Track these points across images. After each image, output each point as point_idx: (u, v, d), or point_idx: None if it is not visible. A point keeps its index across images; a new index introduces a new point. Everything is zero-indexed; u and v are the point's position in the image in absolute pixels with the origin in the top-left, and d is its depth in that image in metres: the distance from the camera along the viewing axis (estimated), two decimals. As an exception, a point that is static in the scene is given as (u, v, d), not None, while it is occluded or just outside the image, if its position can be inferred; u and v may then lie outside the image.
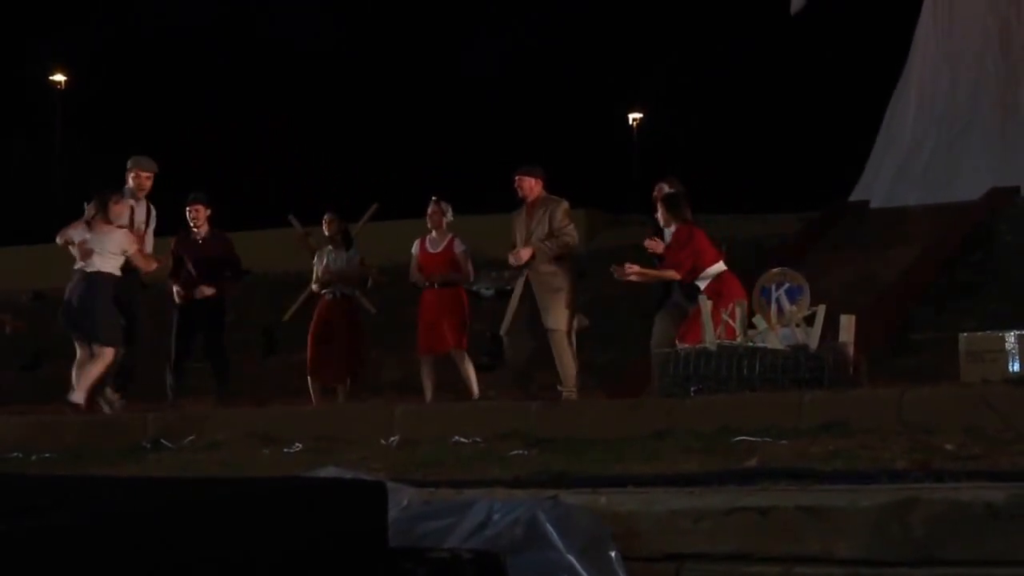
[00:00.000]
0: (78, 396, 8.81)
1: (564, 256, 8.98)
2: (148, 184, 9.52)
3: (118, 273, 9.03)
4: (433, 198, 9.62)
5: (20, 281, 21.56)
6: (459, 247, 9.51)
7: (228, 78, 37.24)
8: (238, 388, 9.29)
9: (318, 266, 10.16)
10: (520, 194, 9.11)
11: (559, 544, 3.89)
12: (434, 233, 9.54)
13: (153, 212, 9.61)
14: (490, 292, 14.95)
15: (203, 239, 9.92)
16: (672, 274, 8.47)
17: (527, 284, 8.90)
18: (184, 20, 38.84)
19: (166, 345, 9.82)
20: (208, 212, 9.97)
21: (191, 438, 7.10)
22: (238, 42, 38.51)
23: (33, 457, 6.90)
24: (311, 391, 9.78)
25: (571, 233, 8.98)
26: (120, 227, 9.08)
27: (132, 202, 9.38)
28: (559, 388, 8.78)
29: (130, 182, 9.46)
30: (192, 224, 9.95)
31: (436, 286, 9.40)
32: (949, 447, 5.21)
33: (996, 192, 14.26)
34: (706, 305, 7.87)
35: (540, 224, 8.94)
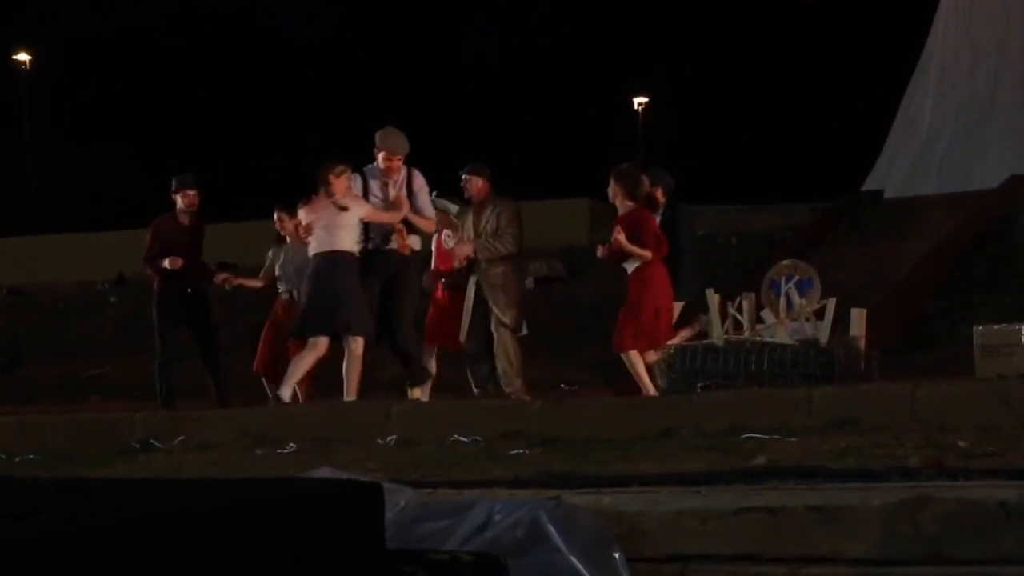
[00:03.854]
0: (284, 391, 8.14)
1: (509, 256, 8.97)
2: (397, 165, 8.72)
3: (355, 250, 8.30)
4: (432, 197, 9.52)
5: (-6, 276, 21.40)
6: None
7: (214, 62, 37.11)
8: (229, 388, 9.19)
9: (274, 263, 10.01)
10: (466, 194, 9.11)
11: (561, 546, 3.83)
12: (448, 230, 9.49)
13: (418, 182, 8.82)
14: (528, 283, 14.92)
15: (189, 224, 9.76)
16: (648, 254, 8.30)
17: (478, 287, 8.93)
18: None
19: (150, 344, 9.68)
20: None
21: (181, 439, 7.03)
22: (222, 22, 38.38)
23: (17, 459, 6.82)
24: (267, 389, 9.63)
25: (511, 239, 8.96)
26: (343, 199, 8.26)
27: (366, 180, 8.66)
28: (504, 387, 8.78)
29: (380, 163, 8.76)
30: (187, 209, 9.77)
31: (451, 281, 9.35)
32: (962, 444, 5.14)
33: (1016, 180, 14.12)
34: (712, 299, 7.78)
35: (488, 223, 8.97)
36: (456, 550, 3.79)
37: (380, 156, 8.74)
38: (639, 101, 38.66)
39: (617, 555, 3.87)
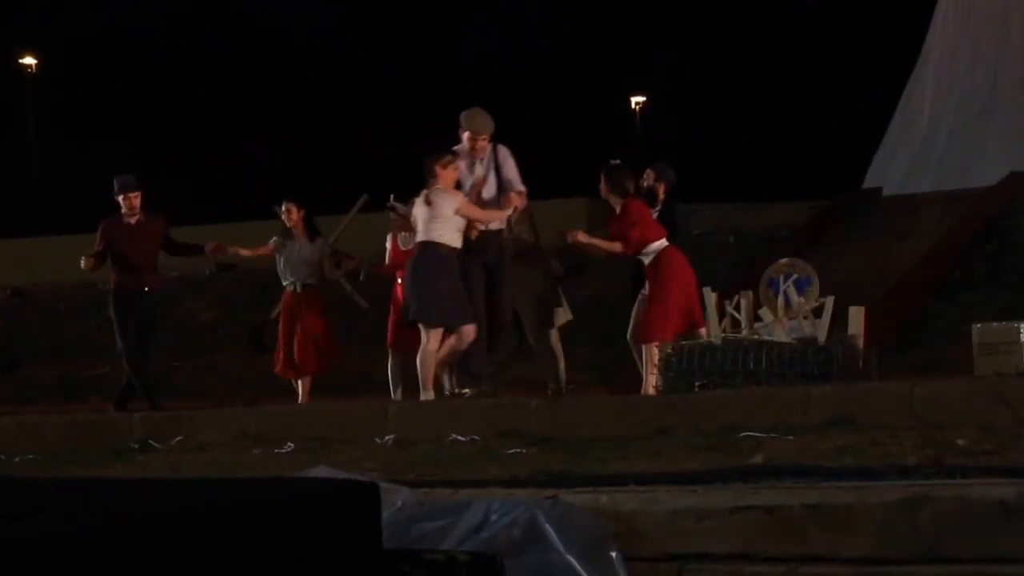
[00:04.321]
0: (426, 392, 8.01)
1: (535, 251, 8.94)
2: (483, 145, 8.58)
3: (456, 244, 8.17)
4: (389, 204, 9.51)
5: (-3, 277, 21.42)
6: None
7: (214, 63, 37.12)
8: (226, 387, 9.19)
9: (279, 253, 10.01)
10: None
11: (559, 545, 3.82)
12: (401, 231, 9.48)
13: (502, 153, 8.64)
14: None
15: (136, 223, 9.78)
16: (617, 247, 8.34)
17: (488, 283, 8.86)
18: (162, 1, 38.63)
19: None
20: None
21: (179, 438, 7.03)
22: (223, 25, 38.38)
23: (16, 459, 6.82)
24: (297, 389, 9.68)
25: (528, 231, 8.88)
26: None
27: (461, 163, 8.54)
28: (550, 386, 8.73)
29: (466, 143, 8.65)
30: (127, 212, 9.80)
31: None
32: (961, 442, 5.13)
33: (1015, 178, 14.10)
34: (710, 298, 7.77)
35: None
36: (452, 550, 3.78)
37: (465, 136, 8.60)
38: (636, 101, 38.75)
39: (614, 554, 3.86)
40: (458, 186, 8.44)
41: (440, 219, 8.13)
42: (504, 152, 8.67)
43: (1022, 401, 5.75)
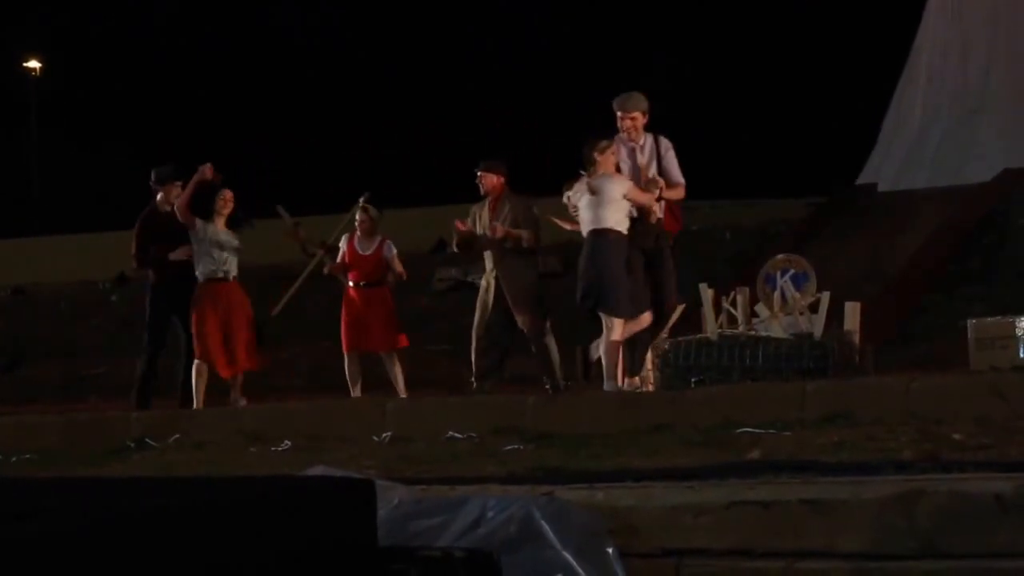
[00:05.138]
0: (610, 383, 7.64)
1: (530, 252, 8.94)
2: (631, 123, 8.34)
3: (625, 229, 7.93)
4: (360, 203, 9.49)
5: (-1, 276, 21.47)
6: (389, 250, 9.46)
7: (214, 64, 37.14)
8: (224, 385, 9.14)
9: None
10: (482, 190, 9.06)
11: (555, 542, 3.83)
12: (360, 234, 9.47)
13: (664, 144, 8.42)
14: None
15: (173, 213, 9.65)
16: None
17: (497, 281, 8.87)
18: (165, 3, 38.69)
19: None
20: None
21: (176, 437, 7.02)
22: (224, 26, 38.40)
23: (14, 459, 6.82)
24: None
25: (530, 235, 8.85)
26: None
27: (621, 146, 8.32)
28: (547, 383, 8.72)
29: (619, 124, 8.39)
30: (163, 201, 9.69)
31: (363, 285, 9.34)
32: (957, 437, 5.13)
33: (1008, 174, 14.11)
34: (706, 294, 7.77)
35: (505, 221, 8.92)
36: (449, 547, 3.79)
37: (617, 117, 8.45)
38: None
39: (610, 550, 3.87)
40: (617, 170, 8.36)
41: (609, 204, 7.92)
42: (666, 144, 8.53)
43: (1018, 395, 5.75)
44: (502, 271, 8.81)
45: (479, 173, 9.03)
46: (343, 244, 9.46)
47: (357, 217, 9.47)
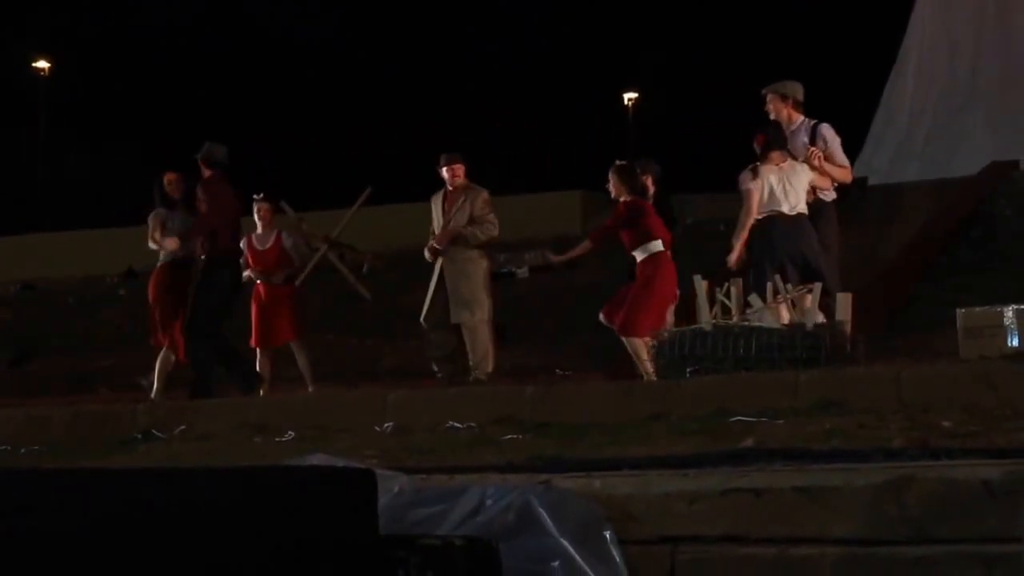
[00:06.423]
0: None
1: (482, 245, 9.06)
2: (775, 107, 8.64)
3: (794, 213, 8.24)
4: (257, 196, 9.50)
5: (8, 272, 21.54)
6: (286, 241, 9.47)
7: (218, 64, 37.16)
8: (226, 376, 9.17)
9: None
10: (449, 182, 9.14)
11: (552, 529, 3.87)
12: (260, 229, 9.48)
13: (822, 132, 8.58)
14: (523, 272, 14.92)
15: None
16: (586, 244, 8.71)
17: (442, 271, 8.98)
18: (172, 4, 38.72)
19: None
20: None
21: (182, 428, 7.05)
22: (229, 27, 38.39)
23: (22, 451, 6.86)
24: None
25: (494, 222, 9.07)
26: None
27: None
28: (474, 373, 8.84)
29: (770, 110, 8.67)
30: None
31: (270, 280, 9.33)
32: (947, 424, 5.18)
33: (996, 166, 14.21)
34: (700, 285, 7.84)
35: (460, 211, 9.02)
36: (448, 535, 3.83)
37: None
38: (629, 97, 38.89)
39: (608, 537, 3.92)
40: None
41: (800, 191, 8.32)
42: (829, 132, 8.65)
43: (1006, 384, 5.81)
44: (452, 265, 8.94)
45: (448, 165, 9.16)
46: (243, 244, 9.41)
47: (256, 208, 9.44)
